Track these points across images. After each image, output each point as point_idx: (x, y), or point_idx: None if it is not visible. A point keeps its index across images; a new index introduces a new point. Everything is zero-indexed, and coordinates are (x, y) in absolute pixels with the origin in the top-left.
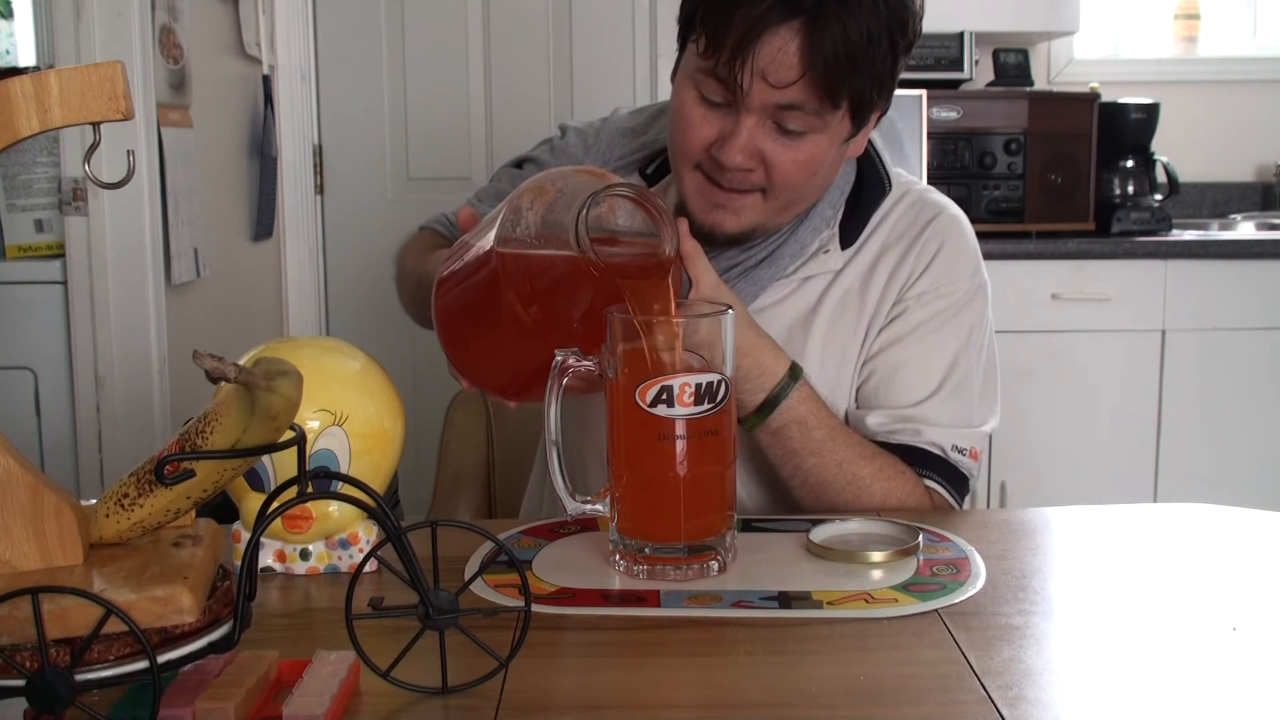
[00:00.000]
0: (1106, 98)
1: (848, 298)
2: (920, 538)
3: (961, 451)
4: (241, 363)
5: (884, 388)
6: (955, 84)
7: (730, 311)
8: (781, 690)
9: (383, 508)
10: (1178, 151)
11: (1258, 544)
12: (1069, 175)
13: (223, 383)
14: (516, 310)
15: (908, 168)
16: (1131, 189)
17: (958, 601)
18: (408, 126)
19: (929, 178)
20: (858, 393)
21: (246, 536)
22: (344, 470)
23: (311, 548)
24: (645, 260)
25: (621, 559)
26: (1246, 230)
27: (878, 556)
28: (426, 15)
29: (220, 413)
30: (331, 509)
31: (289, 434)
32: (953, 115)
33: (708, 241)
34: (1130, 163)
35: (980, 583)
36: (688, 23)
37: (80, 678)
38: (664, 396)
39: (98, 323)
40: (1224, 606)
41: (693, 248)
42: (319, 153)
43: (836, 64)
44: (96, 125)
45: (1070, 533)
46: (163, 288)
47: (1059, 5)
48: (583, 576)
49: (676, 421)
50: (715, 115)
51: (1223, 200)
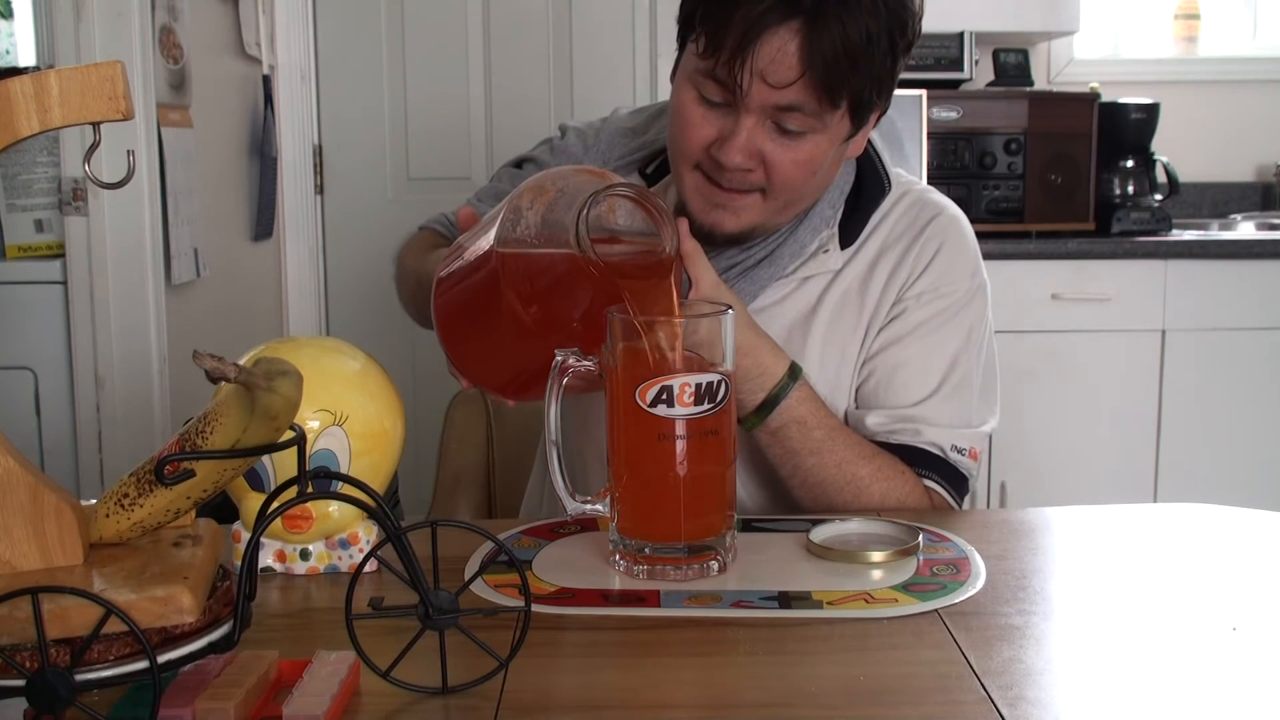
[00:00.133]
0: (1106, 98)
1: (847, 298)
2: (920, 538)
3: (961, 451)
4: (241, 363)
5: (883, 387)
6: (955, 84)
7: (730, 311)
8: (781, 690)
9: (383, 508)
10: (1178, 151)
11: (1258, 544)
12: (1069, 175)
13: (223, 383)
14: (516, 310)
15: (908, 168)
16: (1131, 189)
17: (958, 601)
18: (408, 126)
19: (929, 178)
20: (857, 392)
21: (246, 536)
22: (344, 470)
23: (311, 548)
24: (645, 260)
25: (621, 559)
26: (1246, 230)
27: (878, 556)
28: (426, 15)
29: (220, 413)
30: (331, 509)
31: (289, 434)
32: (953, 115)
33: (707, 241)
34: (1130, 163)
35: (980, 583)
36: (687, 23)
37: (80, 678)
38: (664, 396)
39: (98, 323)
40: (1224, 606)
41: (693, 247)
42: (319, 153)
43: (836, 64)
44: (96, 125)
45: (1070, 533)
46: (163, 288)
47: (1059, 5)
48: (583, 576)
49: (676, 421)
50: (715, 115)
51: (1223, 200)
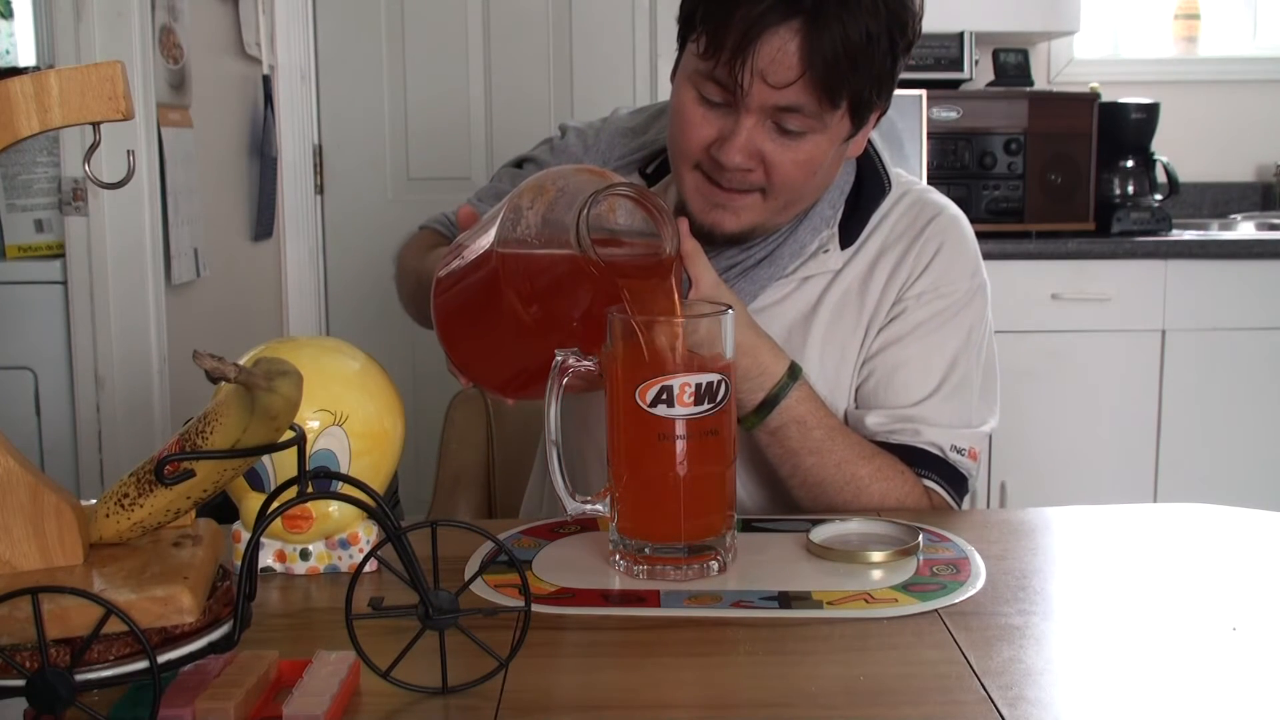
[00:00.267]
0: (1106, 98)
1: (847, 298)
2: (920, 538)
3: (960, 451)
4: (241, 363)
5: (883, 387)
6: (955, 84)
7: (730, 311)
8: (781, 690)
9: (383, 508)
10: (1178, 151)
11: (1258, 544)
12: (1069, 175)
13: (223, 383)
14: (516, 309)
15: (908, 168)
16: (1131, 189)
17: (958, 601)
18: (408, 126)
19: (929, 178)
20: (857, 392)
21: (246, 536)
22: (344, 470)
23: (311, 548)
24: (645, 260)
25: (621, 559)
26: (1246, 230)
27: (878, 556)
28: (426, 15)
29: (220, 413)
30: (331, 509)
31: (289, 434)
32: (953, 115)
33: (707, 241)
34: (1130, 163)
35: (980, 583)
36: (687, 23)
37: (80, 678)
38: (664, 396)
39: (98, 323)
40: (1224, 606)
41: (693, 247)
42: (319, 153)
43: (836, 64)
44: (96, 125)
45: (1070, 533)
46: (163, 288)
47: (1059, 5)
48: (583, 576)
49: (676, 421)
50: (715, 115)
51: (1223, 200)
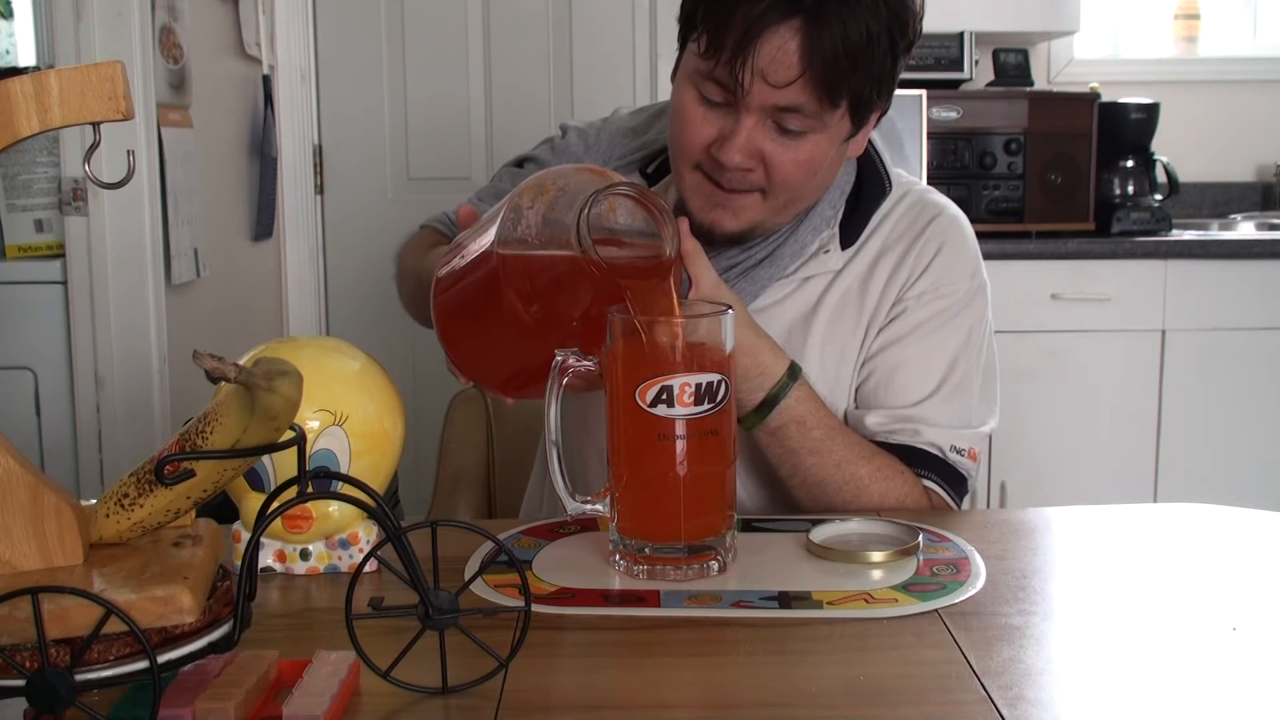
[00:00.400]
0: (1106, 98)
1: (847, 298)
2: (920, 538)
3: (960, 452)
4: (241, 363)
5: (883, 388)
6: (955, 84)
7: (730, 311)
8: (781, 690)
9: (383, 508)
10: (1178, 151)
11: (1258, 544)
12: (1069, 175)
13: (223, 383)
14: (516, 309)
15: (908, 168)
16: (1131, 189)
17: (958, 601)
18: (408, 126)
19: (929, 178)
20: (857, 392)
21: (246, 536)
22: (344, 470)
23: (311, 548)
24: (646, 260)
25: (621, 559)
26: (1246, 230)
27: (878, 556)
28: (426, 15)
29: (220, 413)
30: (331, 509)
31: (289, 434)
32: (953, 115)
33: (707, 241)
34: (1130, 163)
35: (980, 583)
36: (688, 22)
37: (80, 678)
38: (664, 396)
39: (98, 323)
40: (1224, 606)
41: (693, 247)
42: (319, 153)
43: (836, 63)
44: (96, 125)
45: (1070, 533)
46: (163, 288)
47: (1059, 5)
48: (583, 576)
49: (676, 421)
50: (715, 115)
51: (1223, 200)
